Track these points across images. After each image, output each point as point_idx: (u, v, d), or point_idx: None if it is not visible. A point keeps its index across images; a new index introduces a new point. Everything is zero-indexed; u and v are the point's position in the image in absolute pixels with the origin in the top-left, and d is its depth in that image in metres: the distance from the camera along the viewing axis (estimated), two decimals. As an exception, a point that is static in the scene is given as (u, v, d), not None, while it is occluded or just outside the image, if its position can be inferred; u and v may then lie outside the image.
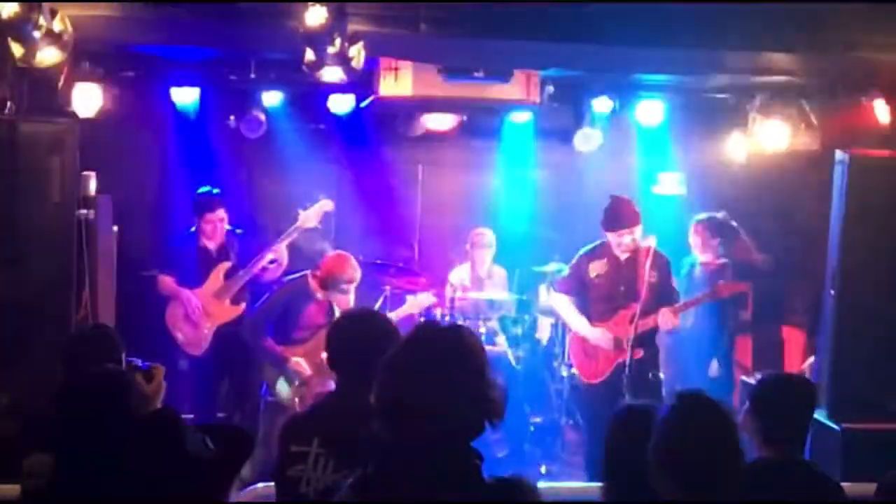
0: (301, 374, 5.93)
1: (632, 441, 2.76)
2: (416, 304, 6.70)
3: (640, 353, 6.02)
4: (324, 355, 5.62)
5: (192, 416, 6.94)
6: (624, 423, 2.93)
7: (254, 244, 6.96)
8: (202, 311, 6.69)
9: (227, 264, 6.84)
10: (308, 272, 6.14)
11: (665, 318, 6.05)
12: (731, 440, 2.63)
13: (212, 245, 6.90)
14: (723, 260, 7.19)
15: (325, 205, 6.84)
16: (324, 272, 5.99)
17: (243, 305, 6.72)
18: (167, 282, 6.84)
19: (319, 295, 6.04)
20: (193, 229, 6.93)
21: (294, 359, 5.93)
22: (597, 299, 6.26)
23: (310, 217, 6.73)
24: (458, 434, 2.26)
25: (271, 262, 6.68)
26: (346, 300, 6.04)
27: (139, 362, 3.59)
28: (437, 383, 2.25)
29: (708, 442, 2.60)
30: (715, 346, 7.09)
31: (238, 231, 7.01)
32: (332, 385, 3.52)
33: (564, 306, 6.40)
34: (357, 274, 6.04)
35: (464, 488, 2.23)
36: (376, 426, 2.28)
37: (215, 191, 6.93)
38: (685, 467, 2.58)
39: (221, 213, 6.87)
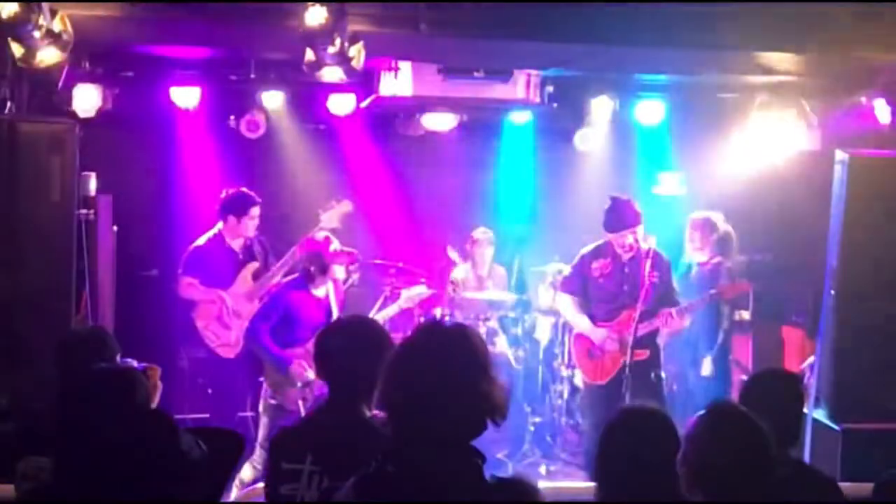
0: (303, 375, 5.91)
1: (629, 443, 2.77)
2: (410, 297, 6.68)
3: (645, 354, 6.01)
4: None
5: (222, 415, 6.98)
6: (622, 426, 2.93)
7: (268, 245, 7.01)
8: (233, 312, 6.70)
9: (254, 265, 6.87)
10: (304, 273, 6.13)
11: (670, 321, 6.04)
12: (764, 452, 2.65)
13: (237, 245, 6.92)
14: (718, 259, 7.19)
15: (345, 206, 6.87)
16: (310, 261, 5.95)
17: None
18: (192, 284, 6.81)
19: (320, 291, 6.04)
20: (217, 230, 6.90)
21: (295, 360, 5.92)
22: (600, 299, 6.25)
23: (331, 218, 6.78)
24: (459, 433, 2.26)
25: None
26: (338, 271, 6.02)
27: (135, 363, 3.59)
28: (440, 382, 2.25)
29: (741, 453, 2.64)
30: (709, 344, 7.09)
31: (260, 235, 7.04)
32: None
33: (568, 307, 6.38)
34: (337, 246, 6.02)
35: (465, 488, 2.23)
36: (379, 420, 2.28)
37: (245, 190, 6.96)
38: (716, 477, 2.60)
39: (258, 210, 6.89)
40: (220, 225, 6.92)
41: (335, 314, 6.06)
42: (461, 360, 2.29)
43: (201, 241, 6.95)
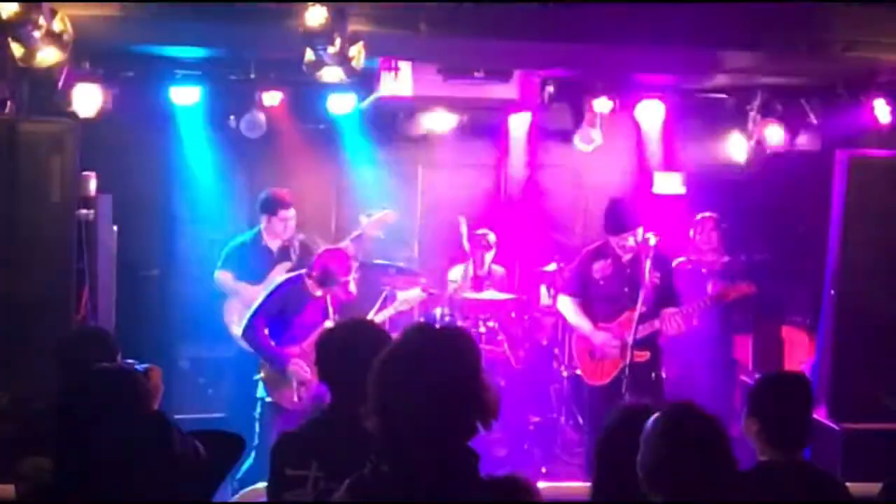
0: (300, 374, 5.93)
1: (624, 443, 2.76)
2: (406, 300, 6.68)
3: (645, 356, 6.00)
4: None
5: (223, 414, 6.98)
6: (618, 425, 2.92)
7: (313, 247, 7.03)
8: None
9: (287, 264, 6.92)
10: (303, 271, 6.14)
11: (670, 323, 6.03)
12: (721, 451, 2.60)
13: (275, 245, 7.00)
14: (727, 258, 7.20)
15: (389, 215, 6.91)
16: (319, 268, 5.99)
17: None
18: (226, 278, 6.93)
19: (318, 293, 6.05)
20: (259, 228, 7.00)
21: (293, 359, 5.93)
22: (601, 300, 6.24)
23: (373, 225, 6.83)
24: (448, 436, 2.25)
25: None
26: (347, 292, 6.04)
27: (135, 364, 3.59)
28: (426, 384, 2.24)
29: (695, 454, 2.57)
30: (709, 342, 7.10)
31: (301, 235, 7.07)
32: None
33: (569, 308, 6.37)
34: (353, 264, 6.04)
35: (460, 487, 2.23)
36: (370, 425, 2.28)
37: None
38: (673, 480, 2.56)
39: (293, 211, 6.95)
40: (261, 225, 7.03)
41: (331, 314, 6.08)
42: (449, 362, 2.28)
43: (242, 238, 7.07)
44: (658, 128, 7.90)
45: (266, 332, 6.00)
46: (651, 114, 7.76)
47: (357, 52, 5.34)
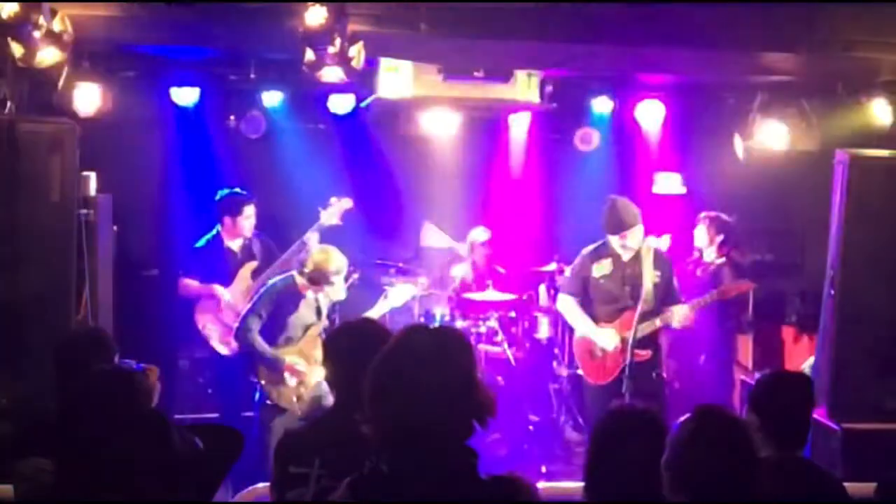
0: (297, 373, 5.93)
1: (616, 444, 2.77)
2: (397, 296, 6.66)
3: (647, 355, 6.00)
4: (317, 353, 5.62)
5: (216, 414, 6.98)
6: (610, 427, 2.93)
7: (272, 244, 7.02)
8: (230, 309, 6.71)
9: (253, 264, 6.92)
10: (294, 271, 6.14)
11: (681, 315, 6.03)
12: (750, 456, 2.64)
13: (236, 245, 6.97)
14: (721, 259, 7.20)
15: (346, 203, 6.90)
16: (310, 268, 5.99)
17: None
18: (192, 284, 6.90)
19: (308, 292, 6.05)
20: (216, 231, 6.97)
21: (289, 359, 5.94)
22: (601, 300, 6.23)
23: (331, 215, 6.82)
24: (444, 436, 2.25)
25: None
26: (338, 291, 6.04)
27: (133, 364, 3.60)
28: (421, 386, 2.24)
29: (725, 457, 2.61)
30: (709, 342, 7.10)
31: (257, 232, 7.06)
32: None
33: (570, 308, 6.36)
34: (344, 264, 6.04)
35: (459, 486, 2.23)
36: (366, 427, 2.28)
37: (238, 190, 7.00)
38: (701, 481, 2.59)
39: (253, 209, 6.93)
40: (218, 227, 6.97)
41: (324, 313, 6.08)
42: (443, 362, 2.28)
43: (201, 243, 7.01)
44: (658, 128, 7.90)
45: (260, 334, 6.00)
46: (651, 114, 7.76)
47: (357, 52, 5.34)
